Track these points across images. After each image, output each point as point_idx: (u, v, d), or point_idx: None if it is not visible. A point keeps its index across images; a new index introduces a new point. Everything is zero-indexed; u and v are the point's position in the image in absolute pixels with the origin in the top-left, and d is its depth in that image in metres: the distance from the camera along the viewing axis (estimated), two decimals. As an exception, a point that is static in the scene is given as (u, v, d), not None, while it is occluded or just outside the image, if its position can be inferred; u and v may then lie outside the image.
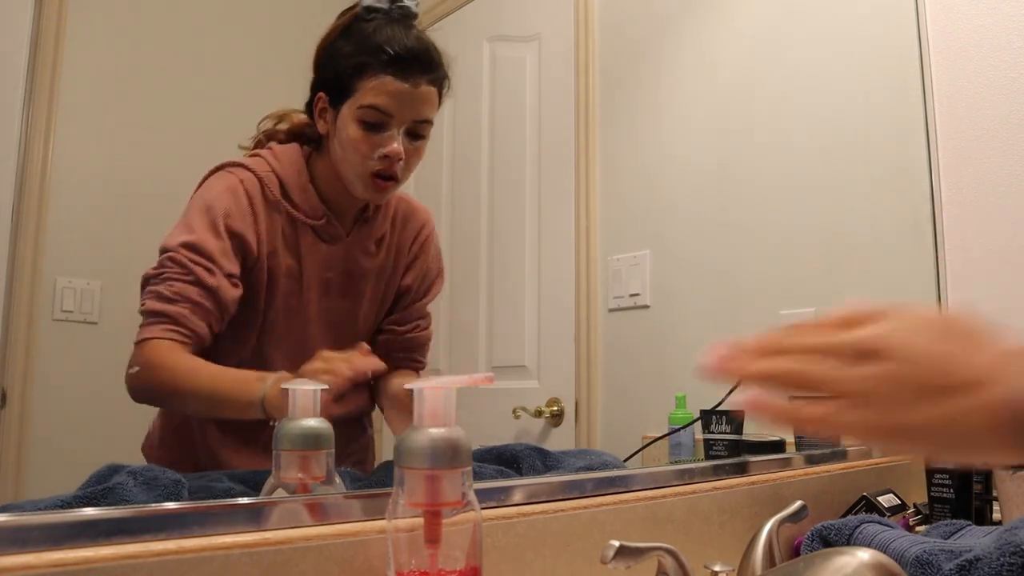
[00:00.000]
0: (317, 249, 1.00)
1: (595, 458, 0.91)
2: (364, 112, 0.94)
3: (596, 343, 1.79)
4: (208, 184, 0.97)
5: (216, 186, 0.96)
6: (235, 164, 0.98)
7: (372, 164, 0.96)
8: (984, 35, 1.34)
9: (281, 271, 0.98)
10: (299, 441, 0.63)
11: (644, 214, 1.76)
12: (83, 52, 1.77)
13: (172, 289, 0.90)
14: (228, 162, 0.98)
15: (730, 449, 1.14)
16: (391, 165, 0.96)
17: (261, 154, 1.01)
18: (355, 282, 1.05)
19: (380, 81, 0.94)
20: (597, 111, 1.87)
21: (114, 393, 1.80)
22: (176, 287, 0.90)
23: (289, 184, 0.99)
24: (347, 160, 0.97)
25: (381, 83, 0.94)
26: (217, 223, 0.92)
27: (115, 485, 0.61)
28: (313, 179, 1.01)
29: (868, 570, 0.47)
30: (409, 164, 0.98)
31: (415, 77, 0.95)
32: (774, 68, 1.56)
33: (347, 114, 0.95)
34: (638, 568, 0.69)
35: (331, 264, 1.02)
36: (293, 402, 0.63)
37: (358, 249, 1.04)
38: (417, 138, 0.98)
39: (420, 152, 1.00)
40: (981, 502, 0.98)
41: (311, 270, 1.00)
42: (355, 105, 0.95)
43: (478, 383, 0.47)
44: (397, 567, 0.46)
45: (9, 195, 1.63)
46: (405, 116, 0.95)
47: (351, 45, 0.96)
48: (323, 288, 1.02)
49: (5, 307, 1.60)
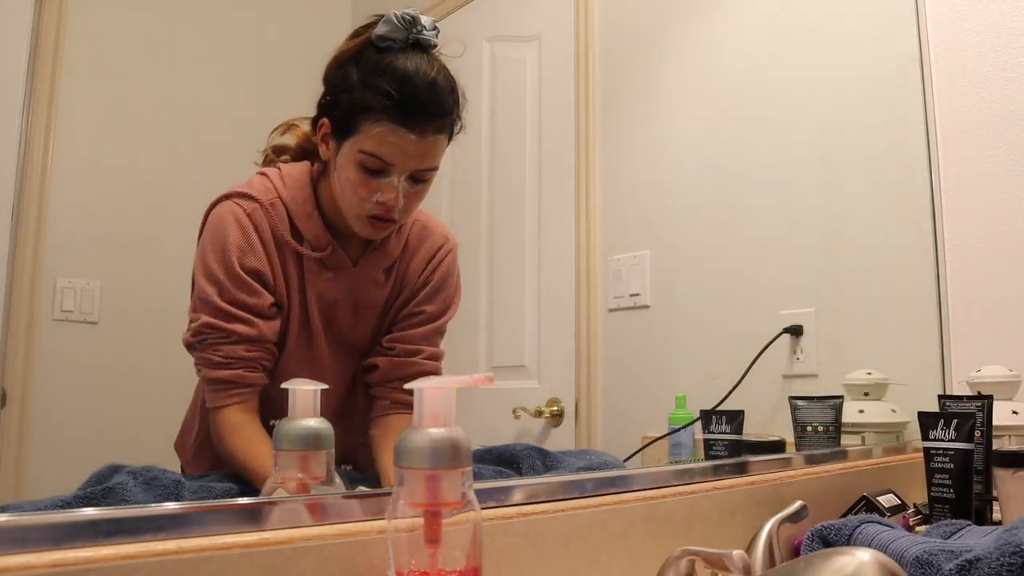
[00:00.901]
0: (322, 280, 0.98)
1: (595, 458, 0.91)
2: (364, 157, 0.90)
3: (596, 343, 1.79)
4: (216, 219, 0.94)
5: (226, 220, 0.93)
6: (240, 194, 0.95)
7: (369, 207, 0.93)
8: (984, 35, 1.34)
9: (292, 302, 0.97)
10: (299, 441, 0.63)
11: (644, 214, 1.76)
12: (83, 52, 1.77)
13: (220, 354, 0.91)
14: (233, 192, 0.95)
15: (730, 449, 1.14)
16: (389, 211, 0.93)
17: (269, 175, 0.98)
18: (362, 312, 1.02)
19: (384, 128, 0.89)
20: (597, 111, 1.87)
21: (114, 393, 1.81)
22: (223, 351, 0.91)
23: (295, 213, 0.96)
24: (345, 199, 0.94)
25: (384, 131, 0.89)
26: (234, 265, 0.91)
27: (115, 485, 0.61)
28: (319, 205, 0.98)
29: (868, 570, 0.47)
30: (409, 206, 0.95)
31: (422, 126, 0.90)
32: (774, 68, 1.56)
33: (348, 154, 0.92)
34: (639, 568, 0.69)
35: (336, 295, 0.99)
36: (293, 402, 0.63)
37: (365, 279, 1.01)
38: (419, 183, 0.95)
39: (422, 194, 0.96)
40: (981, 502, 0.98)
41: (316, 302, 0.98)
42: (356, 147, 0.91)
43: (478, 383, 0.47)
44: (397, 567, 0.46)
45: (9, 195, 1.63)
46: (408, 165, 0.91)
47: (359, 75, 0.91)
48: (329, 319, 1.00)
49: (5, 307, 1.60)
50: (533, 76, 2.03)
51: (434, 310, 1.07)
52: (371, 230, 0.96)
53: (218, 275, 0.91)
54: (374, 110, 0.89)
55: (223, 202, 0.95)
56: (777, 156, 1.53)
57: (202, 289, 0.92)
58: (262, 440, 0.91)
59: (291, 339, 0.97)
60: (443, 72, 0.93)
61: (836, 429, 1.15)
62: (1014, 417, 1.10)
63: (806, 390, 1.34)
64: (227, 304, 0.91)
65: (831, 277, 1.45)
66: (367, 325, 1.03)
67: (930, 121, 1.40)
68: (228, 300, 0.91)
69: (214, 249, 0.92)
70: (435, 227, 1.09)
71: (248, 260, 0.92)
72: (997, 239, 1.31)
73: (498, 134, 2.11)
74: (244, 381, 0.92)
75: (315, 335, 0.99)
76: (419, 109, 0.90)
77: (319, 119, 0.96)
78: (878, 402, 1.29)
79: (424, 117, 0.90)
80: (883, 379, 1.30)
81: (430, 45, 0.94)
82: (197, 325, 0.92)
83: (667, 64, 1.76)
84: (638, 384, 1.71)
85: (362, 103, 0.90)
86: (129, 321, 1.73)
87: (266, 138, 1.07)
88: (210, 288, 0.91)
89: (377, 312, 1.04)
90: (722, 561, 0.58)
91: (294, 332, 0.97)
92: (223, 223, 0.93)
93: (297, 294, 0.97)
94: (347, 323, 1.01)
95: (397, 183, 0.91)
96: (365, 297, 1.02)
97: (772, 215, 1.53)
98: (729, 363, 1.47)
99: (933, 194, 1.40)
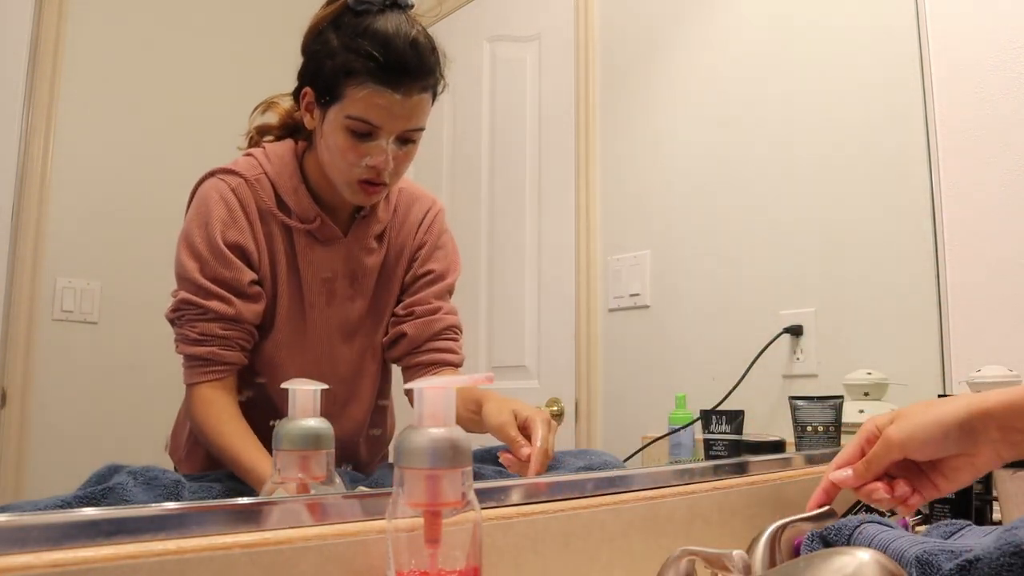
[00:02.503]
0: (313, 252, 0.98)
1: (595, 458, 0.91)
2: (351, 122, 0.90)
3: (596, 343, 1.79)
4: (201, 195, 0.95)
5: (210, 197, 0.94)
6: (225, 170, 0.96)
7: (359, 172, 0.93)
8: (984, 35, 1.34)
9: (281, 278, 0.97)
10: (299, 441, 0.63)
11: (644, 214, 1.76)
12: (83, 52, 1.77)
13: (196, 330, 0.91)
14: (218, 168, 0.96)
15: (730, 449, 1.14)
16: (379, 174, 0.93)
17: (253, 154, 0.99)
18: (360, 282, 1.02)
19: (369, 91, 0.88)
20: (597, 111, 1.87)
21: (114, 393, 1.81)
22: (199, 327, 0.91)
23: (281, 187, 0.96)
24: (334, 165, 0.94)
25: (370, 93, 0.89)
26: (217, 240, 0.92)
27: (115, 485, 0.61)
28: (306, 178, 0.98)
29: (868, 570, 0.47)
30: (398, 169, 0.95)
31: (407, 86, 0.90)
32: (774, 69, 1.56)
33: (334, 120, 0.92)
34: (639, 568, 0.69)
35: (330, 266, 0.99)
36: (293, 402, 0.63)
37: (357, 247, 1.01)
38: (407, 143, 0.95)
39: (410, 155, 0.96)
40: (981, 502, 0.98)
41: (309, 274, 0.98)
42: (342, 113, 0.90)
43: (478, 383, 0.47)
44: (397, 567, 0.46)
45: (9, 195, 1.63)
46: (395, 127, 0.91)
47: (339, 40, 0.91)
48: (325, 292, 0.99)
49: (5, 307, 1.60)
50: (533, 76, 2.03)
51: (440, 268, 1.08)
52: (362, 195, 0.96)
53: (200, 250, 0.92)
54: (358, 73, 0.88)
55: (208, 179, 0.95)
56: (777, 156, 1.53)
57: (183, 264, 0.92)
58: (232, 415, 0.91)
59: (280, 317, 0.96)
60: (423, 32, 0.93)
61: (836, 429, 1.15)
62: (1014, 417, 1.10)
63: (806, 390, 1.34)
64: (206, 280, 0.91)
65: (831, 277, 1.45)
66: (365, 295, 1.03)
67: (930, 121, 1.40)
68: (208, 276, 0.91)
69: (198, 224, 0.92)
70: (420, 192, 1.10)
71: (231, 234, 0.93)
72: (997, 239, 1.31)
73: (498, 134, 2.11)
74: (218, 359, 0.92)
75: (309, 311, 0.98)
76: (403, 69, 0.89)
77: (301, 89, 0.96)
78: (878, 402, 1.28)
79: (409, 77, 0.90)
80: (883, 379, 1.30)
81: (408, 5, 0.93)
82: (176, 301, 0.92)
83: (667, 64, 1.76)
84: (638, 384, 1.71)
85: (345, 67, 0.89)
86: (129, 321, 1.73)
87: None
88: (191, 263, 0.92)
89: (373, 279, 1.04)
90: (722, 561, 0.58)
91: (284, 310, 0.97)
92: (207, 199, 0.94)
93: (287, 270, 0.97)
94: (346, 294, 1.01)
95: (386, 145, 0.92)
96: (360, 266, 1.02)
97: (772, 215, 1.53)
98: (729, 363, 1.47)
99: (933, 194, 1.40)
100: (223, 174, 0.95)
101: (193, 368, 0.92)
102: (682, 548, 0.60)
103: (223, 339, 0.92)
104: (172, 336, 0.94)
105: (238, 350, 0.93)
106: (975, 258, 1.34)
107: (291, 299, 0.97)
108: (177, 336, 0.93)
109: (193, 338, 0.91)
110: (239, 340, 0.93)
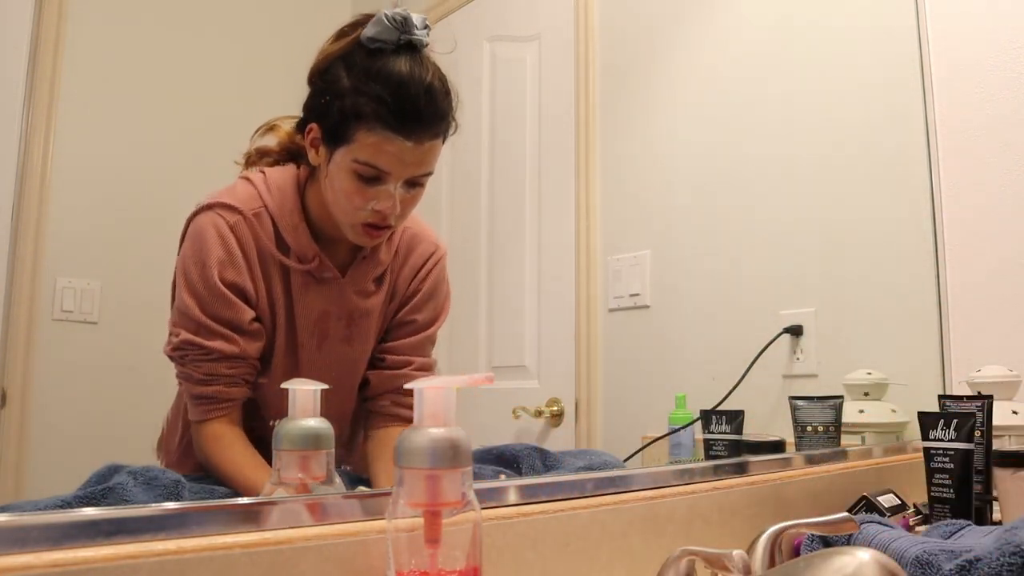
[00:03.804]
0: (308, 292, 0.95)
1: (595, 458, 0.91)
2: (359, 167, 0.87)
3: (596, 343, 1.79)
4: (198, 231, 0.91)
5: (207, 234, 0.90)
6: (224, 205, 0.92)
7: (364, 215, 0.90)
8: (984, 35, 1.34)
9: (278, 317, 0.94)
10: (299, 441, 0.63)
11: (644, 214, 1.76)
12: (83, 52, 1.77)
13: (201, 370, 0.90)
14: (216, 201, 0.92)
15: (730, 449, 1.14)
16: (385, 219, 0.91)
17: (253, 181, 0.95)
18: (356, 323, 0.99)
19: (379, 137, 0.86)
20: (597, 111, 1.87)
21: (114, 393, 1.81)
22: (204, 367, 0.90)
23: (281, 223, 0.93)
24: (338, 206, 0.91)
25: (380, 139, 0.86)
26: (215, 280, 0.89)
27: (115, 485, 0.61)
28: (306, 213, 0.95)
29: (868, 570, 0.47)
30: (404, 212, 0.93)
31: (419, 133, 0.87)
32: (774, 69, 1.56)
33: (341, 162, 0.89)
34: (639, 568, 0.69)
35: (326, 306, 0.97)
36: (293, 402, 0.63)
37: (354, 289, 0.98)
38: (415, 187, 0.92)
39: (418, 198, 0.94)
40: (981, 502, 0.98)
41: (303, 314, 0.95)
42: (350, 156, 0.87)
43: (478, 383, 0.47)
44: (397, 567, 0.46)
45: (9, 195, 1.63)
46: (404, 173, 0.89)
47: (350, 80, 0.87)
48: (318, 333, 0.97)
49: (5, 307, 1.60)
50: (533, 76, 2.03)
51: (424, 319, 1.05)
52: (365, 238, 0.94)
53: (199, 289, 0.89)
54: (368, 118, 0.86)
55: (205, 212, 0.92)
56: (777, 155, 1.53)
57: (183, 303, 0.90)
58: (243, 448, 0.91)
59: (276, 356, 0.95)
60: (437, 75, 0.90)
61: (836, 429, 1.15)
62: (1014, 417, 1.10)
63: (806, 390, 1.34)
64: (208, 319, 0.89)
65: (831, 277, 1.45)
66: (366, 337, 1.01)
67: (930, 121, 1.40)
68: (209, 315, 0.89)
69: (195, 262, 0.90)
70: (425, 234, 1.06)
71: (229, 275, 0.90)
72: (997, 239, 1.31)
73: (498, 134, 2.11)
74: (225, 396, 0.91)
75: (300, 351, 0.96)
76: (415, 116, 0.87)
77: (307, 123, 0.93)
78: (878, 402, 1.29)
79: (420, 123, 0.87)
80: (883, 379, 1.30)
81: (422, 45, 0.90)
82: (178, 340, 0.90)
83: (667, 64, 1.76)
84: (638, 384, 1.71)
85: (355, 110, 0.86)
86: (129, 321, 1.73)
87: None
88: (190, 302, 0.89)
89: (374, 322, 1.01)
90: (722, 561, 0.58)
91: (279, 349, 0.95)
92: (205, 236, 0.90)
93: (283, 310, 0.94)
94: (341, 335, 0.98)
95: (394, 190, 0.89)
96: (356, 308, 0.99)
97: (772, 215, 1.53)
98: (729, 363, 1.47)
99: (933, 194, 1.40)
100: (222, 209, 0.91)
101: (199, 406, 0.91)
102: (682, 548, 0.60)
103: (228, 377, 0.91)
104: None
105: (243, 385, 0.93)
106: (975, 258, 1.34)
107: (286, 338, 0.95)
108: (180, 374, 0.92)
109: (198, 378, 0.90)
110: (244, 376, 0.93)
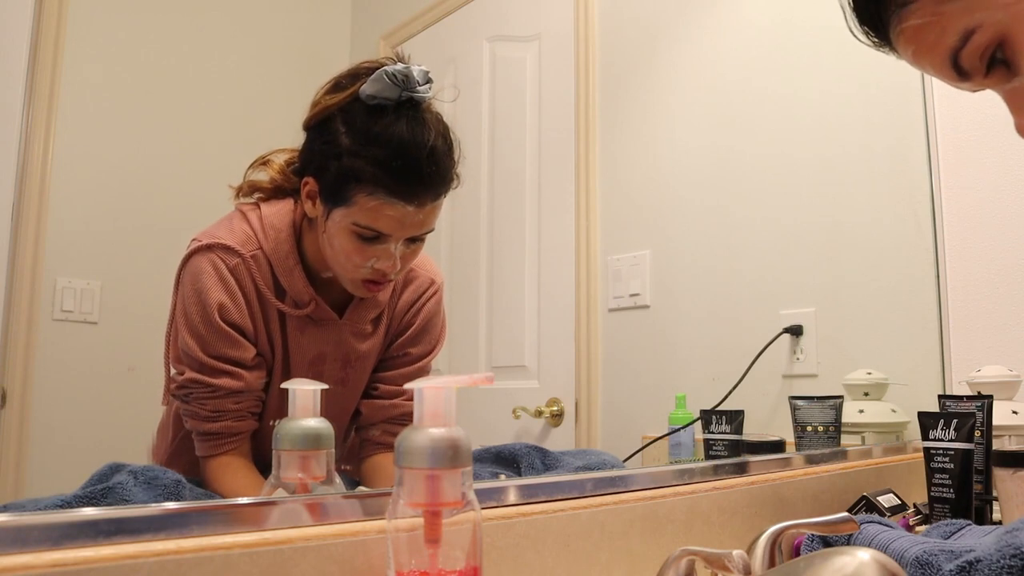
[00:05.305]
0: (304, 334, 0.95)
1: (595, 458, 0.91)
2: (360, 229, 0.86)
3: (596, 343, 1.79)
4: (197, 272, 0.90)
5: (206, 275, 0.89)
6: (222, 246, 0.90)
7: (364, 272, 0.89)
8: (984, 35, 1.34)
9: (276, 358, 0.94)
10: (299, 441, 0.63)
11: (644, 214, 1.76)
12: (83, 52, 1.77)
13: (207, 408, 0.91)
14: (215, 242, 0.90)
15: (730, 449, 1.14)
16: (385, 275, 0.90)
17: (249, 220, 0.93)
18: (352, 365, 0.99)
19: (379, 202, 0.83)
20: (597, 111, 1.87)
21: (114, 393, 1.81)
22: (210, 404, 0.91)
23: (277, 266, 0.92)
24: (338, 263, 0.90)
25: (380, 204, 0.83)
26: (217, 321, 0.89)
27: (115, 485, 0.61)
28: (302, 256, 0.93)
29: (868, 570, 0.47)
30: (405, 266, 0.91)
31: (420, 197, 0.85)
32: (774, 69, 1.56)
33: (340, 222, 0.86)
34: (639, 568, 0.69)
35: (322, 348, 0.96)
36: (293, 402, 0.63)
37: (351, 332, 0.97)
38: (416, 242, 0.91)
39: (418, 251, 0.92)
40: (981, 502, 0.98)
41: (298, 356, 0.95)
42: (350, 219, 0.85)
43: (478, 383, 0.47)
44: (397, 567, 0.46)
45: (9, 195, 1.63)
46: (405, 234, 0.87)
47: (349, 139, 0.85)
48: (313, 374, 0.96)
49: (5, 307, 1.60)
50: (533, 76, 2.03)
51: (419, 351, 1.04)
52: (364, 291, 0.93)
53: (200, 330, 0.89)
54: (368, 182, 0.83)
55: (204, 253, 0.90)
56: (777, 156, 1.53)
57: (186, 344, 0.90)
58: (255, 478, 0.91)
59: (271, 400, 0.95)
60: (440, 133, 0.88)
61: (836, 429, 1.15)
62: (1014, 417, 1.10)
63: (806, 390, 1.34)
64: (211, 359, 0.89)
65: (831, 277, 1.45)
66: (361, 380, 1.01)
67: (930, 121, 1.40)
68: (212, 355, 0.89)
69: (196, 303, 0.89)
70: (422, 267, 1.04)
71: (230, 316, 0.90)
72: (997, 239, 1.31)
73: (498, 134, 2.11)
74: (233, 431, 0.92)
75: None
76: (417, 180, 0.84)
77: (303, 172, 0.91)
78: (878, 402, 1.28)
79: (422, 187, 0.85)
80: (883, 379, 1.30)
81: (424, 99, 0.87)
82: (183, 379, 0.90)
83: (667, 64, 1.76)
84: (638, 384, 1.71)
85: (354, 173, 0.84)
86: (129, 321, 1.73)
87: (266, 138, 1.05)
88: (193, 342, 0.89)
89: (371, 364, 1.01)
90: (722, 561, 0.58)
91: (274, 390, 0.95)
92: (204, 278, 0.89)
93: (280, 352, 0.94)
94: (337, 377, 0.98)
95: (394, 249, 0.88)
96: (353, 350, 0.98)
97: (772, 215, 1.53)
98: (729, 363, 1.47)
99: (933, 194, 1.40)
100: (222, 251, 0.90)
101: (207, 442, 0.92)
102: (682, 548, 0.60)
103: (236, 412, 0.92)
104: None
105: (250, 418, 0.93)
106: (975, 258, 1.34)
107: (281, 379, 0.95)
108: (186, 412, 0.92)
109: (205, 415, 0.91)
110: (250, 408, 0.93)
